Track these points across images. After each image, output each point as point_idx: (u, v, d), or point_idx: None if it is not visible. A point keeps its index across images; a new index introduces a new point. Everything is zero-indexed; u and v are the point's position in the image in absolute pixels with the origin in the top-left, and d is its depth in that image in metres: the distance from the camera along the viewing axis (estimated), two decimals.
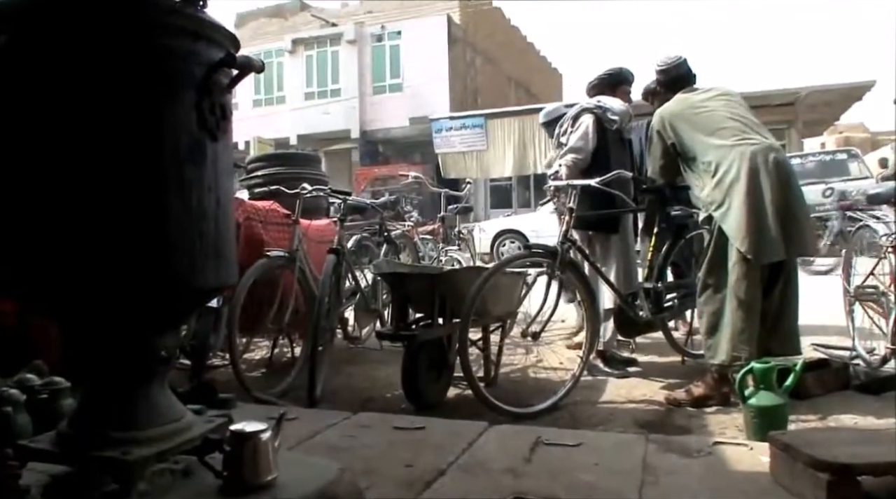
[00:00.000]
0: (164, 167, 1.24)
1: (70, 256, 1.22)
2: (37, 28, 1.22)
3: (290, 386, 3.65)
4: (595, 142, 3.95)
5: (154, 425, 1.34)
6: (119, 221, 1.22)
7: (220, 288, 1.45)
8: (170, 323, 1.39)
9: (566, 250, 3.34)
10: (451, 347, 3.37)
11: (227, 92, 1.35)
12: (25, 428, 1.66)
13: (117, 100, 1.21)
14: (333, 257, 3.58)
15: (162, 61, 1.25)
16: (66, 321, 1.35)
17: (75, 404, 1.82)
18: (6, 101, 1.23)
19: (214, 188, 1.33)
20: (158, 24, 1.26)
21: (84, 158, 1.21)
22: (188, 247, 1.28)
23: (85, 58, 1.21)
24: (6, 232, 1.25)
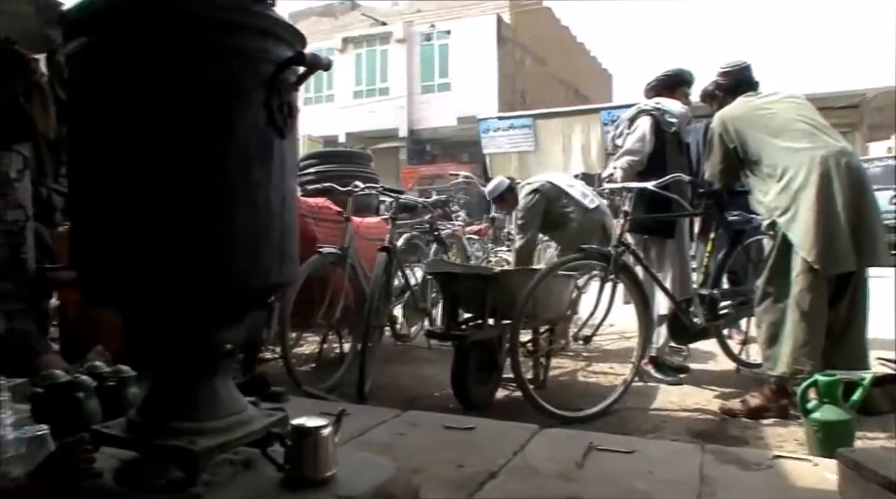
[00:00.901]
0: (233, 166, 1.26)
1: (141, 255, 1.25)
2: (112, 32, 1.24)
3: (338, 382, 3.69)
4: (652, 144, 3.88)
5: (218, 417, 1.36)
6: (188, 220, 1.24)
7: (283, 285, 1.47)
8: (234, 319, 1.41)
9: (620, 254, 3.29)
10: (500, 349, 3.37)
11: (295, 89, 1.36)
12: (95, 413, 1.71)
13: (189, 100, 1.24)
14: (385, 256, 3.59)
15: (232, 60, 1.27)
16: (137, 316, 1.38)
17: (139, 392, 1.87)
18: (84, 103, 1.26)
19: (280, 186, 1.34)
20: (230, 23, 1.27)
21: (156, 158, 1.23)
22: (254, 245, 1.30)
23: (158, 59, 1.23)
24: (82, 233, 1.28)
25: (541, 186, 4.51)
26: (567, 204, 4.47)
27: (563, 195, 4.49)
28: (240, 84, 1.27)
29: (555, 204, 4.48)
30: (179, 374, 1.36)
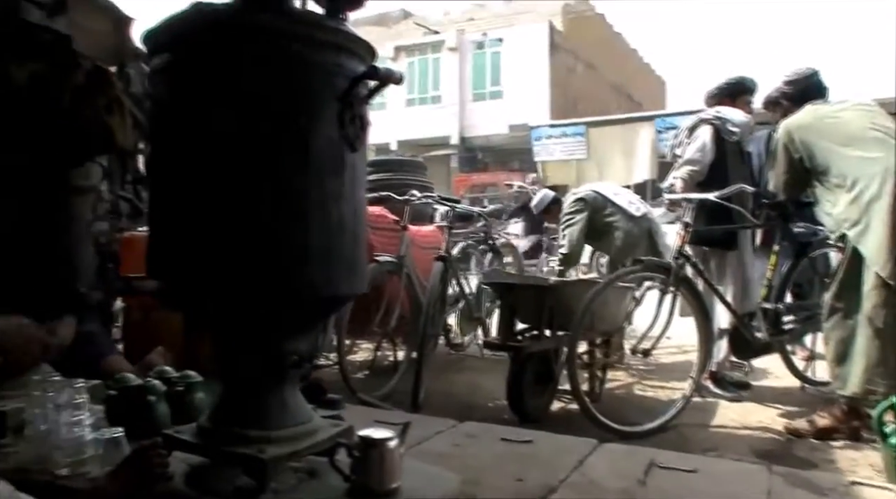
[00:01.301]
0: (307, 179, 1.29)
1: (217, 265, 1.28)
2: (194, 48, 1.28)
3: (393, 389, 3.71)
4: (713, 154, 3.80)
5: (285, 426, 1.38)
6: (263, 231, 1.27)
7: (352, 296, 1.48)
8: (304, 329, 1.43)
9: (681, 266, 3.23)
10: (556, 360, 3.34)
11: (366, 102, 1.37)
12: (165, 417, 1.76)
13: (266, 114, 1.26)
14: (441, 265, 3.60)
15: (308, 75, 1.29)
16: (210, 325, 1.41)
17: (205, 396, 1.91)
18: (166, 117, 1.30)
19: (352, 199, 1.36)
20: (306, 38, 1.30)
21: (234, 170, 1.26)
22: (326, 257, 1.32)
23: (237, 73, 1.27)
24: (161, 243, 1.32)
25: (585, 195, 4.49)
26: (612, 212, 4.42)
27: (609, 204, 4.45)
28: (315, 98, 1.29)
29: (599, 213, 4.44)
30: (249, 382, 1.38)
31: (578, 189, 4.73)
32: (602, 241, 4.58)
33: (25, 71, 1.53)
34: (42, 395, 1.54)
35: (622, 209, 4.42)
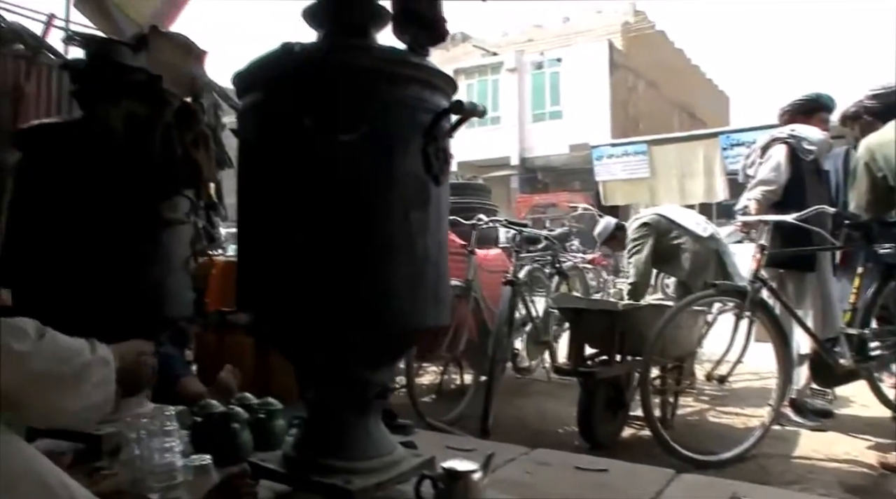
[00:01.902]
0: (393, 213, 1.31)
1: (305, 298, 1.31)
2: (282, 87, 1.33)
3: (461, 414, 3.69)
4: (788, 174, 3.68)
5: (370, 457, 1.39)
6: (350, 265, 1.30)
7: (436, 328, 1.49)
8: (388, 360, 1.44)
9: (756, 290, 3.12)
10: (627, 386, 3.27)
11: (450, 136, 1.39)
12: (248, 444, 1.79)
13: (353, 150, 1.29)
14: (510, 289, 3.59)
15: (393, 110, 1.32)
16: (297, 357, 1.44)
17: (286, 424, 1.95)
18: (255, 154, 1.35)
19: (436, 232, 1.38)
20: (391, 75, 1.33)
21: (321, 205, 1.30)
22: (411, 289, 1.33)
23: (324, 111, 1.30)
24: (249, 277, 1.37)
25: (649, 220, 4.40)
26: (678, 235, 4.32)
27: (674, 226, 4.35)
28: (400, 133, 1.32)
29: (665, 236, 4.34)
30: (334, 412, 1.40)
31: (642, 214, 4.64)
32: (670, 264, 4.48)
33: (122, 112, 1.62)
34: (136, 421, 1.59)
35: (688, 231, 4.32)
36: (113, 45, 1.84)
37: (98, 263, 1.70)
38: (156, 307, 1.83)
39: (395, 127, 1.32)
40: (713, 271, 4.14)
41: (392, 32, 1.41)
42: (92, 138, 1.59)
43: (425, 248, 1.35)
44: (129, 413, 1.86)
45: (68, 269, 1.71)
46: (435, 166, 1.34)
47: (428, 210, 1.36)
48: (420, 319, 1.37)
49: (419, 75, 1.36)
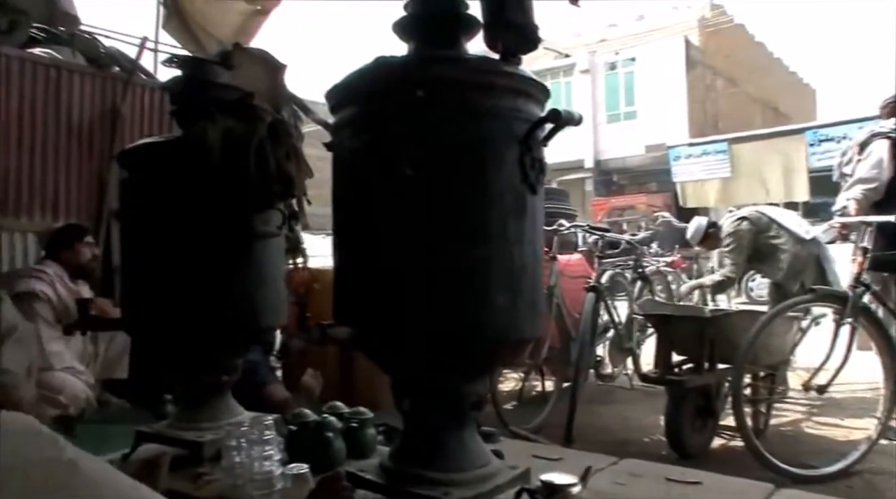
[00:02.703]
0: (490, 223, 1.30)
1: (402, 310, 1.32)
2: (377, 101, 1.34)
3: (543, 422, 3.65)
4: (891, 171, 3.47)
5: (467, 469, 1.39)
6: (447, 277, 1.29)
7: (533, 339, 1.48)
8: (485, 372, 1.44)
9: (860, 295, 2.95)
10: (718, 395, 3.16)
11: (545, 145, 1.37)
12: (341, 453, 1.82)
13: (448, 161, 1.30)
14: (593, 295, 3.53)
15: (488, 121, 1.32)
16: (392, 368, 1.45)
17: (376, 433, 1.97)
18: (351, 169, 1.37)
19: (532, 242, 1.36)
20: (485, 85, 1.32)
21: (419, 216, 1.30)
22: (509, 301, 1.32)
23: (418, 123, 1.31)
24: (345, 289, 1.39)
25: (749, 215, 4.22)
26: (778, 234, 4.12)
27: (774, 225, 4.15)
28: (495, 143, 1.31)
29: (763, 234, 4.15)
30: (431, 424, 1.40)
31: (741, 209, 4.46)
32: (766, 263, 4.28)
33: (219, 129, 1.67)
34: (236, 429, 1.64)
35: (789, 231, 4.12)
36: (207, 65, 1.91)
37: (196, 275, 1.77)
38: (249, 318, 1.88)
39: (491, 138, 1.32)
40: (811, 276, 3.94)
41: (483, 41, 1.40)
42: (191, 155, 1.65)
43: (522, 258, 1.34)
44: (228, 421, 1.93)
45: (169, 280, 1.78)
46: (531, 176, 1.32)
47: (524, 220, 1.35)
48: (518, 330, 1.36)
49: (513, 84, 1.34)
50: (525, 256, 1.34)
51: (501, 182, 1.31)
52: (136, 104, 4.67)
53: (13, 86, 3.99)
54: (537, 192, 1.37)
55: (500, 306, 1.31)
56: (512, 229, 1.32)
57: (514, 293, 1.32)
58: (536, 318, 1.41)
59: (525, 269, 1.34)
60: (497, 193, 1.31)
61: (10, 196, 3.91)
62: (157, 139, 1.92)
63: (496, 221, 1.31)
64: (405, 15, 1.45)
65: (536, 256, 1.40)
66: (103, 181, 4.41)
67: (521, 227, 1.34)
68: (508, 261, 1.32)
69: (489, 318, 1.31)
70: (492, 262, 1.30)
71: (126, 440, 2.17)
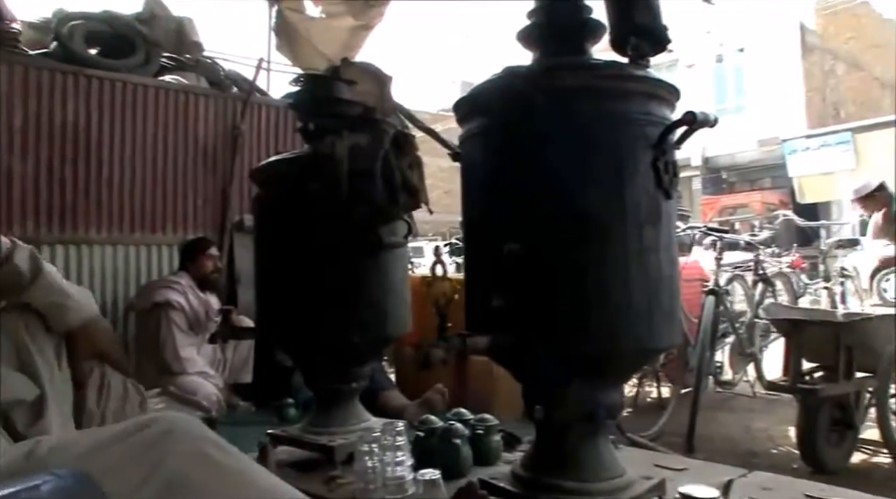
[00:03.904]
0: (626, 230, 1.29)
1: (535, 320, 1.32)
2: (507, 111, 1.35)
3: (661, 430, 3.54)
4: None
5: (602, 479, 1.37)
6: (584, 285, 1.28)
7: (670, 348, 1.44)
8: (620, 381, 1.42)
9: None
10: (857, 406, 2.95)
11: (677, 148, 1.34)
12: (468, 460, 1.83)
13: (583, 170, 1.29)
14: (712, 298, 3.40)
15: (621, 127, 1.30)
16: (525, 376, 1.45)
17: (500, 441, 1.97)
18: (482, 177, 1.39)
19: (668, 248, 1.33)
20: (615, 91, 1.31)
21: (555, 227, 1.30)
22: (646, 309, 1.30)
23: (549, 132, 1.30)
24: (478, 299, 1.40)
25: None
26: None
27: None
28: (628, 149, 1.29)
29: None
30: (564, 432, 1.39)
31: None
32: None
33: (345, 144, 1.73)
34: (368, 434, 1.69)
35: None
36: (331, 82, 1.98)
37: (327, 286, 1.84)
38: (378, 327, 1.93)
39: (624, 143, 1.30)
40: None
41: (610, 45, 1.38)
42: (320, 170, 1.72)
43: (658, 265, 1.31)
44: (357, 427, 1.99)
45: (301, 291, 1.85)
46: (665, 180, 1.29)
47: (660, 226, 1.32)
48: (657, 338, 1.33)
49: (644, 88, 1.32)
50: (662, 263, 1.32)
51: (636, 188, 1.29)
52: (254, 122, 4.92)
53: (148, 112, 4.32)
54: (671, 196, 1.33)
55: (637, 314, 1.29)
56: (648, 236, 1.30)
57: (651, 301, 1.30)
58: (673, 326, 1.37)
59: (662, 276, 1.31)
60: (632, 200, 1.29)
61: (146, 213, 4.23)
62: (286, 156, 2.00)
63: (631, 227, 1.28)
64: (529, 24, 1.45)
65: (673, 263, 1.36)
66: (226, 196, 4.68)
67: (657, 233, 1.31)
68: (645, 268, 1.29)
69: (626, 326, 1.29)
70: (629, 269, 1.28)
71: (253, 442, 2.29)
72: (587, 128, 1.29)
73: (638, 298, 1.29)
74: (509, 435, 2.10)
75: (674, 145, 1.33)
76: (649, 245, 1.30)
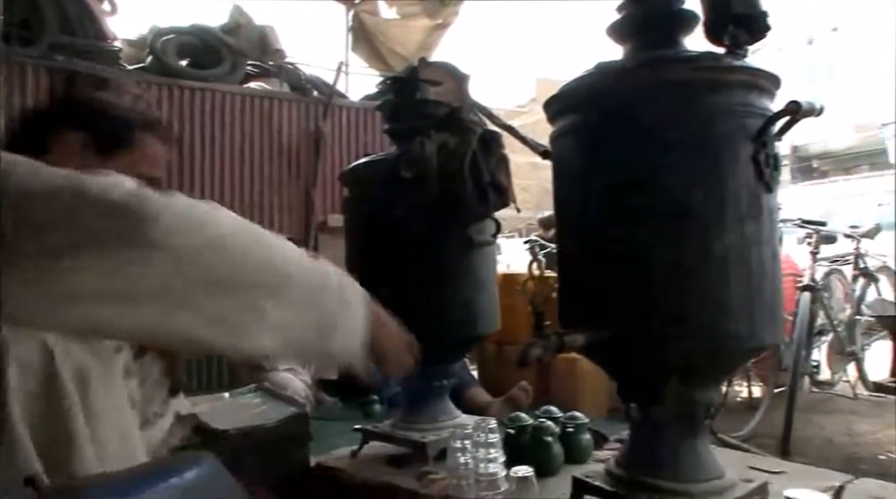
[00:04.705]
0: (726, 224, 1.25)
1: (631, 316, 1.30)
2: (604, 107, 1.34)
3: (753, 431, 3.43)
4: None
5: (701, 480, 1.34)
6: (682, 281, 1.26)
7: (771, 346, 1.40)
8: (719, 380, 1.39)
9: None
10: None
11: (779, 139, 1.29)
12: (559, 458, 1.83)
13: (681, 165, 1.26)
14: (808, 295, 3.26)
15: (720, 121, 1.27)
16: (624, 374, 1.43)
17: (591, 439, 1.95)
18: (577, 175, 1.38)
19: (770, 242, 1.29)
20: (713, 83, 1.28)
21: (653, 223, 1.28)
22: (747, 305, 1.26)
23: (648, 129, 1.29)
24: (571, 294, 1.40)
25: None
26: None
27: None
28: (728, 143, 1.26)
29: None
30: (660, 431, 1.37)
31: None
32: None
33: (434, 143, 1.76)
34: (460, 430, 1.71)
35: None
36: (417, 83, 2.01)
37: (420, 285, 1.87)
38: (468, 325, 1.95)
39: (723, 137, 1.26)
40: None
41: (704, 36, 1.34)
42: (410, 170, 1.75)
43: (760, 260, 1.27)
44: (447, 423, 2.01)
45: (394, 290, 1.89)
46: (766, 173, 1.25)
47: (761, 220, 1.28)
48: (759, 337, 1.28)
49: (744, 79, 1.28)
50: (763, 259, 1.27)
51: (736, 182, 1.25)
52: (335, 124, 5.05)
53: (235, 118, 4.51)
54: (773, 189, 1.29)
55: (737, 311, 1.25)
56: (748, 231, 1.26)
57: (752, 297, 1.26)
58: (776, 323, 1.33)
59: (764, 271, 1.27)
60: (732, 195, 1.25)
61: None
62: (375, 157, 2.04)
63: (731, 222, 1.25)
64: (620, 17, 1.43)
65: (775, 258, 1.32)
66: (310, 197, 4.82)
67: (759, 228, 1.27)
68: (746, 263, 1.25)
69: (726, 323, 1.26)
70: (728, 265, 1.25)
71: (341, 436, 2.35)
72: (684, 122, 1.26)
73: (738, 295, 1.25)
74: (596, 433, 2.08)
75: (775, 137, 1.29)
76: (750, 240, 1.26)
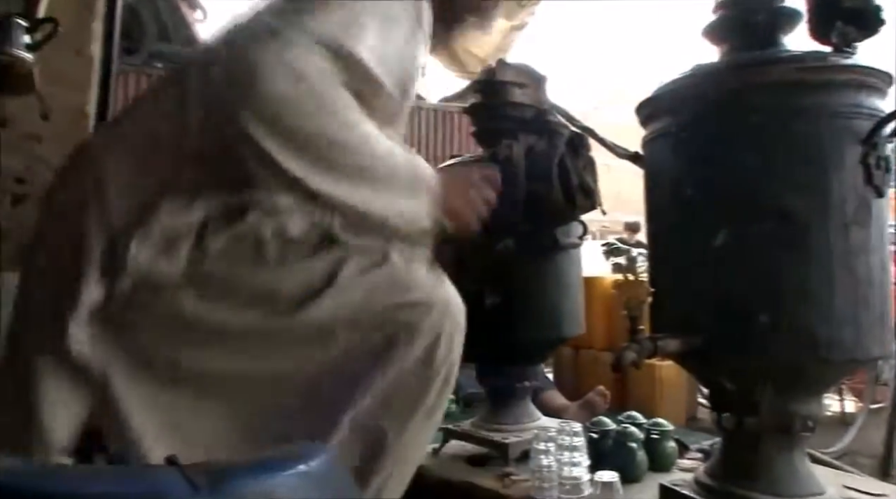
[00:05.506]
0: (830, 232, 1.22)
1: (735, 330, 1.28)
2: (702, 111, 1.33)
3: (847, 448, 3.28)
4: None
5: (796, 495, 1.30)
6: (783, 289, 1.23)
7: (882, 358, 1.34)
8: (820, 391, 1.34)
9: None
10: None
11: (891, 141, 1.24)
12: (643, 464, 1.80)
13: (783, 169, 1.23)
14: None
15: (825, 123, 1.23)
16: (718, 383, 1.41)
17: (675, 447, 1.92)
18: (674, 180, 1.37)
19: (880, 249, 1.24)
20: (818, 84, 1.24)
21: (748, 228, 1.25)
22: (854, 315, 1.22)
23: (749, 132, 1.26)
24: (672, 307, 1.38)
25: None
26: None
27: None
28: (833, 146, 1.22)
29: None
30: (754, 443, 1.33)
31: None
32: None
33: (522, 147, 1.76)
34: (544, 433, 1.71)
35: None
36: (503, 86, 2.02)
37: (505, 286, 1.88)
38: (553, 327, 1.95)
39: (828, 139, 1.22)
40: None
41: (808, 34, 1.30)
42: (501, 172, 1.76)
43: (868, 268, 1.22)
44: (528, 425, 2.02)
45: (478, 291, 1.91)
46: (876, 177, 1.20)
47: (869, 226, 1.23)
48: (865, 348, 1.23)
49: (852, 78, 1.23)
50: (871, 266, 1.22)
51: (842, 187, 1.21)
52: (413, 126, 5.12)
53: None
54: (884, 194, 1.24)
55: (841, 321, 1.21)
56: (855, 236, 1.21)
57: (859, 307, 1.21)
58: (885, 334, 1.27)
59: (872, 280, 1.22)
60: (837, 200, 1.21)
61: None
62: (463, 159, 2.07)
63: (836, 227, 1.21)
64: (717, 18, 1.40)
65: (884, 266, 1.26)
66: None
67: (867, 233, 1.22)
68: (852, 271, 1.21)
69: (828, 333, 1.21)
70: (832, 272, 1.20)
71: None
72: (785, 125, 1.23)
73: (842, 304, 1.21)
74: (678, 441, 2.04)
75: (888, 138, 1.23)
76: (857, 246, 1.21)
